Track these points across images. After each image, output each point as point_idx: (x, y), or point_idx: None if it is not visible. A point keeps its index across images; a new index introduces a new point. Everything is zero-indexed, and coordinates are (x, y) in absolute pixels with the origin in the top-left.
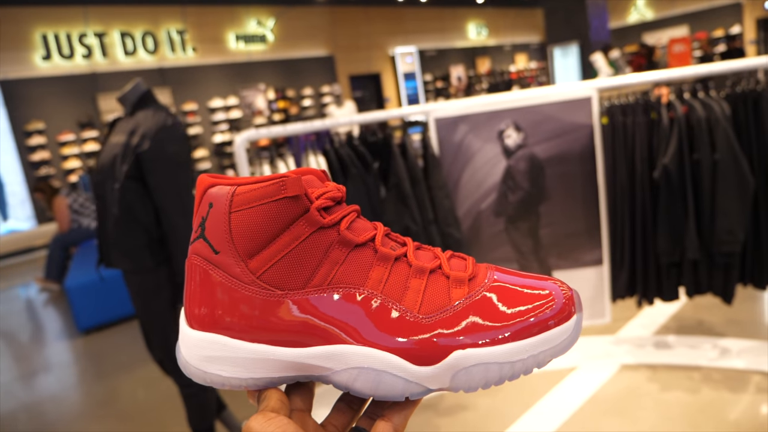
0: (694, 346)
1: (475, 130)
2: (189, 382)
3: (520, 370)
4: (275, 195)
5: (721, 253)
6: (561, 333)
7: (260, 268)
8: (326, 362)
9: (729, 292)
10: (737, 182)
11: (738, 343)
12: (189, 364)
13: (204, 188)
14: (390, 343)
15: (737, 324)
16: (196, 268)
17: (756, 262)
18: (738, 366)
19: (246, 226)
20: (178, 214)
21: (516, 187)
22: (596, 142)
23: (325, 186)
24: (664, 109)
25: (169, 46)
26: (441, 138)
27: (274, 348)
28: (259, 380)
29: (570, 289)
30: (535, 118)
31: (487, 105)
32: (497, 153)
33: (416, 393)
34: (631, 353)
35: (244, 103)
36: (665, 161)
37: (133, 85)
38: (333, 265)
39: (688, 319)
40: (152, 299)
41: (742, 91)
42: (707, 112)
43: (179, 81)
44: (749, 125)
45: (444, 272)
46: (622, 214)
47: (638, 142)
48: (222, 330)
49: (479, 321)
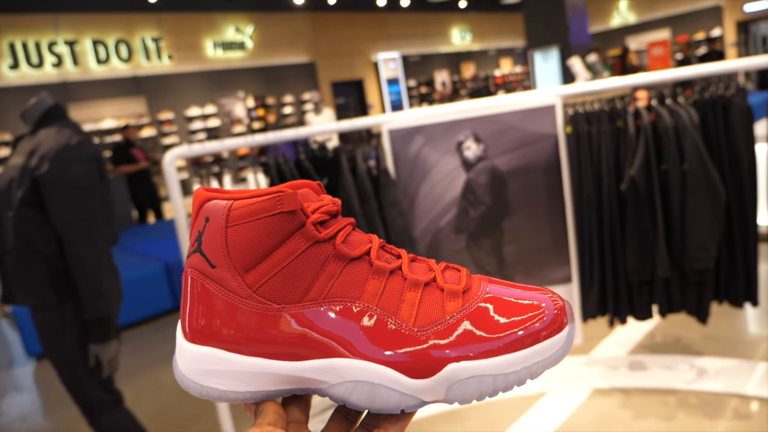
0: (670, 367)
1: (432, 142)
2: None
3: (514, 382)
4: (271, 210)
5: (693, 270)
6: (553, 344)
7: (257, 282)
8: (323, 375)
9: (703, 310)
10: (708, 194)
11: (715, 363)
12: (186, 378)
13: (201, 202)
14: (385, 356)
15: (715, 340)
16: (193, 282)
17: (731, 278)
18: (715, 389)
19: (242, 240)
20: (83, 243)
21: (477, 202)
22: (561, 153)
23: (321, 200)
24: (630, 116)
25: (143, 54)
26: (395, 151)
27: (271, 361)
28: (256, 393)
29: (562, 300)
30: (496, 128)
31: (445, 115)
32: (456, 166)
33: (412, 405)
34: (603, 376)
35: (222, 111)
36: (632, 173)
37: (37, 100)
38: (329, 279)
39: (665, 336)
40: (58, 339)
41: (711, 96)
42: (675, 120)
43: (154, 89)
44: (719, 133)
45: (438, 285)
46: (590, 229)
47: (604, 152)
48: (219, 343)
49: (473, 333)
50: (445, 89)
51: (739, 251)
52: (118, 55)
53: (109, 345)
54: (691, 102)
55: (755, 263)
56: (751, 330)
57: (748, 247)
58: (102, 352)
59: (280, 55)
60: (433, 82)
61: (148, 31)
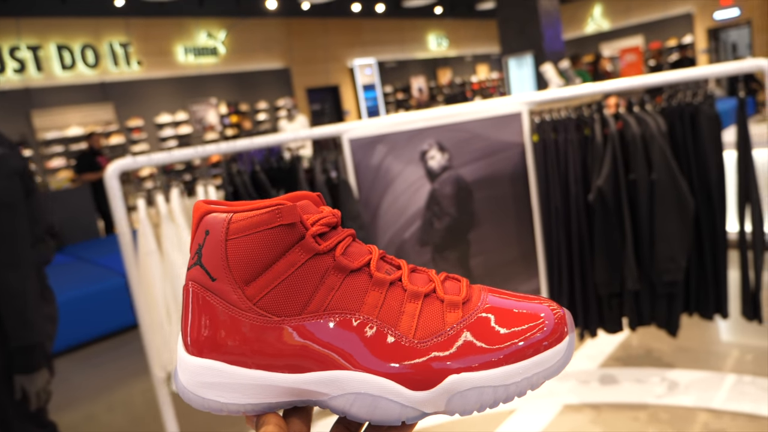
0: (641, 380)
1: (394, 152)
2: None
3: (515, 393)
4: (271, 223)
5: (662, 283)
6: (554, 355)
7: (257, 295)
8: (323, 388)
9: (673, 323)
10: (676, 205)
11: (686, 375)
12: (187, 390)
13: (200, 215)
14: (386, 368)
15: (686, 352)
16: (194, 295)
17: (701, 290)
18: (686, 403)
19: (242, 253)
20: (5, 266)
21: (442, 213)
22: (528, 162)
23: (320, 211)
24: (597, 125)
25: (111, 60)
26: (357, 161)
27: (272, 374)
28: (257, 405)
29: (562, 310)
30: (461, 136)
31: (408, 123)
32: (420, 176)
33: (412, 417)
34: (574, 391)
35: (194, 118)
36: (599, 183)
37: None
38: (329, 291)
39: (636, 347)
40: None
41: (679, 104)
42: (642, 128)
43: (123, 96)
44: (687, 141)
45: (438, 296)
46: (558, 241)
47: (571, 162)
48: (219, 356)
49: (474, 344)
50: (422, 95)
51: (709, 262)
52: (84, 60)
53: (37, 375)
54: (658, 110)
55: (725, 275)
56: (722, 340)
57: (718, 258)
58: (29, 383)
59: (253, 61)
60: (410, 88)
61: (116, 36)
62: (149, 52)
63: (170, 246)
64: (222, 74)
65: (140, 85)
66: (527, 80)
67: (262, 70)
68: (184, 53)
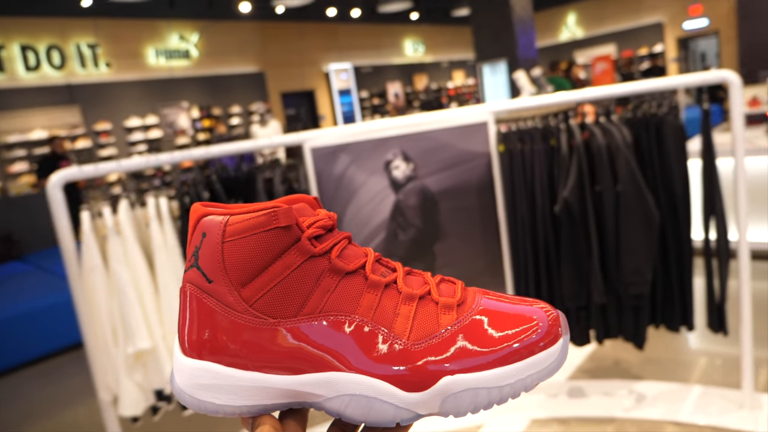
0: (609, 393)
1: (358, 161)
2: None
3: (509, 395)
4: (267, 225)
5: (629, 295)
6: (548, 356)
7: (253, 297)
8: (318, 389)
9: (640, 336)
10: (642, 217)
11: (654, 387)
12: (183, 392)
13: (197, 217)
14: (380, 370)
15: (654, 363)
16: (190, 297)
17: (667, 303)
18: (653, 416)
19: (239, 255)
20: None
21: (407, 225)
22: (495, 173)
23: (316, 214)
24: (563, 135)
25: (78, 61)
26: (319, 171)
27: (268, 375)
28: (253, 407)
29: (555, 311)
30: (426, 146)
31: (371, 132)
32: (384, 186)
33: (407, 419)
34: (542, 405)
35: (165, 122)
36: (565, 194)
37: None
38: (324, 293)
39: (605, 359)
40: None
41: (644, 115)
42: (608, 139)
43: (91, 99)
44: (652, 153)
45: (433, 298)
46: (525, 252)
47: (538, 172)
48: (215, 358)
49: (468, 346)
50: (398, 101)
51: (675, 275)
52: (50, 61)
53: None
54: (624, 120)
55: (690, 287)
56: (690, 349)
57: (683, 270)
58: None
59: (227, 64)
60: (386, 93)
61: (84, 37)
62: (118, 53)
63: (116, 260)
64: (194, 77)
65: (109, 88)
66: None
67: (236, 74)
68: (155, 55)
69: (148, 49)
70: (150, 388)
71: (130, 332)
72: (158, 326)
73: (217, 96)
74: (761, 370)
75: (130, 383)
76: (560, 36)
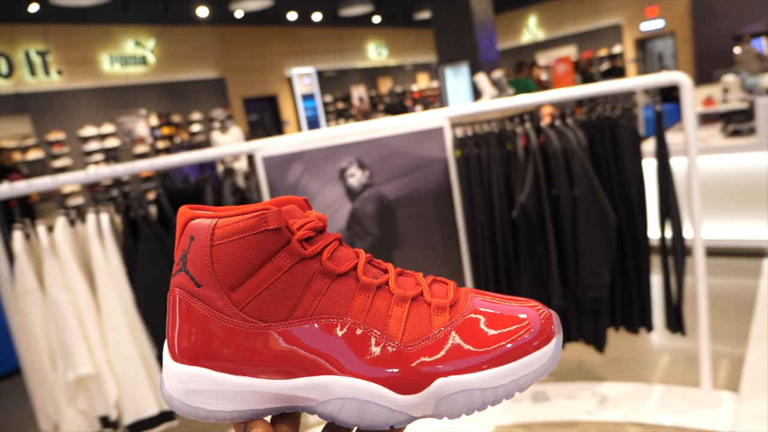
0: (572, 396)
1: (312, 170)
2: None
3: (502, 395)
4: (256, 228)
5: (588, 299)
6: (541, 356)
7: (243, 301)
8: (311, 393)
9: (600, 338)
10: (598, 220)
11: (616, 388)
12: (173, 398)
13: (185, 220)
14: (373, 372)
15: (616, 364)
16: (179, 301)
17: (626, 305)
18: (615, 418)
19: (228, 258)
20: None
21: (364, 233)
22: (452, 178)
23: (306, 216)
24: (519, 139)
25: (28, 69)
26: (272, 180)
27: (259, 380)
28: (244, 412)
29: (548, 310)
30: (382, 152)
31: (325, 140)
32: (340, 195)
33: (400, 421)
34: (506, 410)
35: (122, 130)
36: (522, 199)
37: None
38: (315, 296)
39: (568, 360)
40: None
41: (598, 118)
42: (563, 143)
43: (42, 108)
44: (607, 156)
45: (425, 299)
46: (484, 258)
47: (495, 177)
48: (205, 363)
49: (461, 347)
50: (362, 104)
51: (633, 277)
52: None
53: None
54: (579, 123)
55: (648, 289)
56: (651, 348)
57: (641, 272)
58: None
59: (185, 70)
60: (350, 97)
61: (33, 44)
62: (70, 61)
63: (53, 282)
64: (152, 84)
65: (61, 96)
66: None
67: (196, 80)
68: (110, 62)
69: (102, 56)
70: (94, 415)
71: (69, 357)
72: (101, 350)
73: (177, 103)
74: (721, 365)
75: (72, 411)
76: (522, 38)
